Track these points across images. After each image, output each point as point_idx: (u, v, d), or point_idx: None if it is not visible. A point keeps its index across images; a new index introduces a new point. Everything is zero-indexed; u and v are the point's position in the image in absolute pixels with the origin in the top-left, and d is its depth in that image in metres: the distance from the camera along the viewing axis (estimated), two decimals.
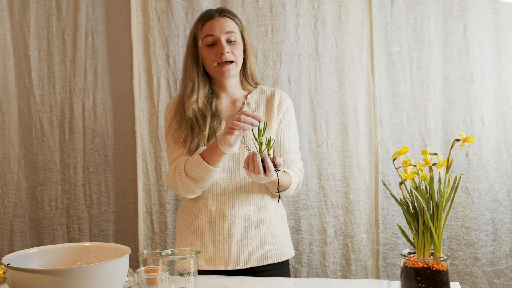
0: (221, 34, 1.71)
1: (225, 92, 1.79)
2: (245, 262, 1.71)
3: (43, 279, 1.22)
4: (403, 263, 1.30)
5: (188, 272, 1.43)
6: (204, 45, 1.72)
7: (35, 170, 2.43)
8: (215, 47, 1.71)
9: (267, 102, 1.79)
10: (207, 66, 1.74)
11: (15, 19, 2.42)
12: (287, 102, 1.81)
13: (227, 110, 1.78)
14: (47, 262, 1.45)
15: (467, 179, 2.12)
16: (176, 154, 1.74)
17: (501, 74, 2.10)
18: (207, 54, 1.72)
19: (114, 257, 1.38)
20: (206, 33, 1.72)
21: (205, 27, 1.73)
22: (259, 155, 1.51)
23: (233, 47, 1.72)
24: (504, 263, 2.12)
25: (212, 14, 1.74)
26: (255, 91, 1.82)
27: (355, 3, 2.16)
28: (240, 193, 1.73)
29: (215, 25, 1.71)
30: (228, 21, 1.73)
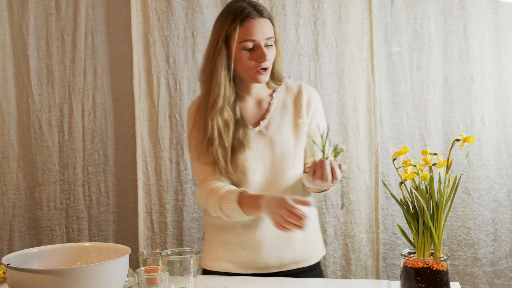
0: (262, 40, 1.56)
1: (249, 94, 1.68)
2: (276, 267, 1.66)
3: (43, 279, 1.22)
4: (403, 263, 1.30)
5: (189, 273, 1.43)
6: (241, 48, 1.57)
7: (34, 170, 2.43)
8: (253, 51, 1.57)
9: (295, 101, 1.69)
10: (240, 69, 1.61)
11: (14, 19, 2.42)
12: (315, 98, 1.71)
13: (251, 112, 1.68)
14: (47, 262, 1.45)
15: (467, 179, 2.12)
16: (205, 174, 1.64)
17: (501, 74, 2.10)
18: (245, 59, 1.58)
19: (114, 257, 1.38)
20: (245, 37, 1.56)
21: (244, 29, 1.56)
22: (328, 162, 1.45)
23: (269, 51, 1.59)
24: (504, 263, 2.12)
25: (252, 13, 1.56)
26: (280, 88, 1.70)
27: (355, 3, 2.16)
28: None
29: (256, 28, 1.56)
30: (268, 24, 1.58)
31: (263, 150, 1.64)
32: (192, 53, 2.27)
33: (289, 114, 1.67)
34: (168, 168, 2.30)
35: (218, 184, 1.61)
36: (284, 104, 1.68)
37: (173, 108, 2.29)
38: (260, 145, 1.64)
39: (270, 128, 1.65)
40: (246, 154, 1.62)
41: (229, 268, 1.68)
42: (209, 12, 2.25)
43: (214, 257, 1.70)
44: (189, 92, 2.28)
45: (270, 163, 1.64)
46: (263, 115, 1.68)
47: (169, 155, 2.30)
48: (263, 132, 1.65)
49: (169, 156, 2.30)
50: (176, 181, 2.30)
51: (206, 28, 2.25)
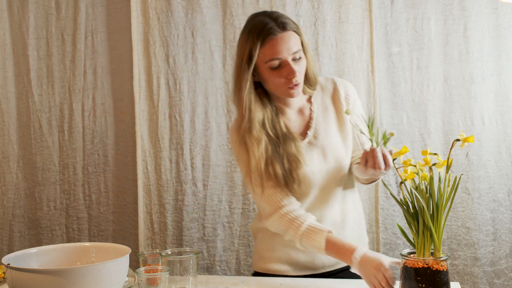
0: (289, 56, 1.49)
1: (288, 106, 1.63)
2: (331, 265, 1.66)
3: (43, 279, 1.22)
4: (403, 263, 1.30)
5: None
6: (268, 68, 1.51)
7: (34, 170, 2.43)
8: (281, 69, 1.50)
9: (333, 100, 1.65)
10: (270, 87, 1.56)
11: (14, 19, 2.41)
12: (351, 91, 1.66)
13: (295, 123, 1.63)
14: (47, 262, 1.45)
15: (467, 179, 2.12)
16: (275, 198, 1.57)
17: (501, 74, 2.10)
18: (273, 78, 1.52)
19: (114, 257, 1.38)
20: (270, 56, 1.49)
21: (267, 48, 1.49)
22: (379, 150, 1.41)
23: (298, 64, 1.52)
24: (504, 263, 2.12)
25: (274, 30, 1.49)
26: (316, 91, 1.66)
27: (355, 3, 2.16)
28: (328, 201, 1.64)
29: (280, 46, 1.48)
30: (293, 37, 1.51)
31: (317, 160, 1.60)
32: (192, 53, 2.27)
33: (331, 115, 1.64)
34: (168, 168, 2.30)
35: (297, 213, 1.56)
36: (325, 106, 1.64)
37: (173, 108, 2.29)
38: (314, 156, 1.60)
39: (319, 137, 1.62)
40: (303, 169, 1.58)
41: (285, 271, 1.66)
42: (209, 12, 2.25)
43: (270, 259, 1.68)
44: (189, 92, 2.28)
45: (325, 171, 1.61)
46: (307, 124, 1.64)
47: (169, 155, 2.30)
48: (313, 142, 1.61)
49: (169, 156, 2.30)
50: (176, 181, 2.30)
51: (206, 28, 2.25)
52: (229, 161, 2.26)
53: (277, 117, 1.59)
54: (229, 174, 2.26)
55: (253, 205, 2.25)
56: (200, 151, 2.28)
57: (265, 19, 1.51)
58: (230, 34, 2.23)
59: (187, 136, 2.28)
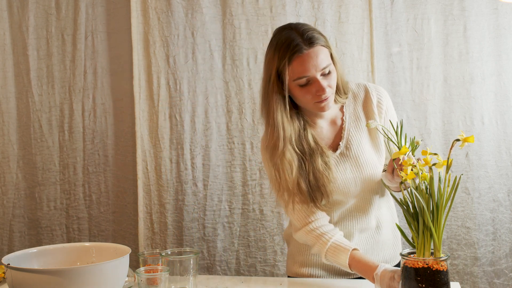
0: (317, 72, 1.46)
1: (320, 117, 1.60)
2: None
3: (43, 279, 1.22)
4: (403, 263, 1.30)
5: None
6: (297, 85, 1.48)
7: (34, 170, 2.43)
8: (310, 85, 1.47)
9: (364, 108, 1.61)
10: (300, 103, 1.53)
11: (14, 19, 2.42)
12: (384, 97, 1.62)
13: (327, 134, 1.61)
14: (47, 262, 1.45)
15: (467, 179, 2.12)
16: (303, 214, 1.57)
17: (501, 74, 2.10)
18: (302, 95, 1.49)
19: (114, 257, 1.38)
20: (298, 75, 1.46)
21: (294, 66, 1.45)
22: (405, 156, 1.36)
23: (329, 79, 1.48)
24: (504, 262, 2.12)
25: (300, 47, 1.44)
26: (348, 100, 1.62)
27: (355, 3, 2.16)
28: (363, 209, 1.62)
29: (308, 63, 1.44)
30: (321, 52, 1.46)
31: (350, 172, 1.58)
32: (192, 53, 2.27)
33: (363, 124, 1.60)
34: (168, 168, 2.30)
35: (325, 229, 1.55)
36: (357, 116, 1.61)
37: (173, 108, 2.29)
38: (347, 168, 1.58)
39: (351, 148, 1.59)
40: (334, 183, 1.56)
41: (320, 274, 1.66)
42: (209, 12, 2.25)
43: (304, 263, 1.68)
44: (189, 92, 2.28)
45: (360, 181, 1.59)
46: (339, 135, 1.61)
47: (169, 155, 2.30)
48: (345, 154, 1.59)
49: (169, 156, 2.30)
50: (176, 181, 2.30)
51: (206, 28, 2.25)
52: (229, 161, 2.26)
53: (305, 132, 1.56)
54: (229, 174, 2.26)
55: (252, 206, 2.25)
56: (200, 151, 2.28)
57: (292, 34, 1.47)
58: (230, 34, 2.24)
59: (187, 136, 2.28)
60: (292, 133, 1.53)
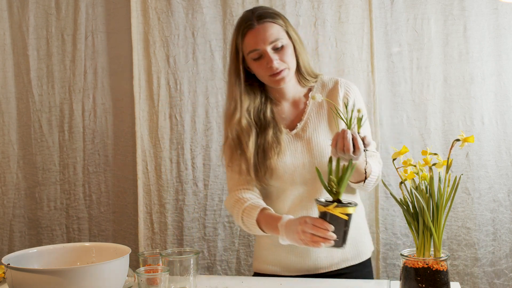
0: (266, 46, 1.56)
1: (283, 97, 1.68)
2: (325, 267, 1.65)
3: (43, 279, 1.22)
4: (403, 263, 1.30)
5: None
6: (251, 59, 1.59)
7: (34, 170, 2.43)
8: (262, 59, 1.58)
9: (330, 97, 1.66)
10: (259, 78, 1.63)
11: (14, 19, 2.42)
12: (353, 92, 1.67)
13: (288, 115, 1.68)
14: (47, 262, 1.45)
15: (467, 179, 2.12)
16: (234, 182, 1.67)
17: (501, 74, 2.10)
18: (256, 68, 1.60)
19: (114, 257, 1.38)
20: (249, 48, 1.58)
21: (246, 40, 1.58)
22: (350, 132, 1.40)
23: (281, 53, 1.57)
24: (504, 263, 2.12)
25: (251, 23, 1.58)
26: (316, 87, 1.69)
27: (355, 3, 2.16)
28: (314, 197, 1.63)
29: (256, 37, 1.56)
30: (270, 28, 1.57)
31: (301, 153, 1.62)
32: (193, 53, 2.27)
33: (325, 113, 1.66)
34: (168, 168, 2.30)
35: (246, 195, 1.62)
36: (320, 103, 1.67)
37: (173, 108, 2.29)
38: (298, 148, 1.63)
39: (307, 130, 1.64)
40: (281, 158, 1.61)
41: (278, 271, 1.67)
42: (209, 12, 2.25)
43: (264, 260, 1.70)
44: (189, 92, 2.28)
45: (309, 165, 1.62)
46: (299, 117, 1.67)
47: (169, 155, 2.30)
48: (300, 135, 1.64)
49: (169, 156, 2.30)
50: (176, 181, 2.30)
51: (206, 28, 2.25)
52: None
53: (264, 106, 1.64)
54: None
55: None
56: (200, 151, 2.28)
57: (247, 15, 1.61)
58: (230, 34, 2.23)
59: (188, 136, 2.28)
60: (251, 106, 1.63)
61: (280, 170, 1.61)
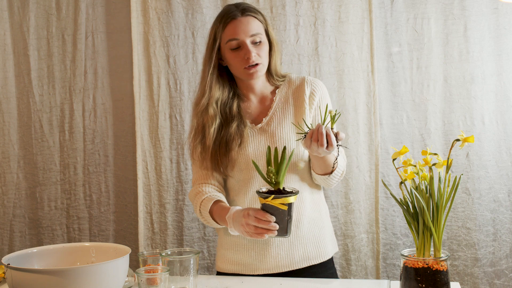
0: (246, 37, 1.60)
1: (252, 92, 1.70)
2: (286, 265, 1.65)
3: (43, 279, 1.22)
4: (403, 263, 1.30)
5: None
6: (228, 49, 1.62)
7: (35, 170, 2.43)
8: (240, 50, 1.61)
9: (296, 94, 1.69)
10: (232, 69, 1.65)
11: (15, 19, 2.42)
12: (320, 90, 1.69)
13: (255, 110, 1.70)
14: (47, 262, 1.45)
15: (467, 179, 2.12)
16: (196, 176, 1.70)
17: (501, 74, 2.10)
18: (232, 58, 1.62)
19: (114, 257, 1.38)
20: (229, 36, 1.61)
21: (227, 29, 1.61)
22: (324, 128, 1.43)
23: (258, 48, 1.61)
24: (505, 263, 2.12)
25: (234, 14, 1.61)
26: (284, 84, 1.72)
27: (355, 3, 2.16)
28: None
29: (239, 27, 1.60)
30: (252, 21, 1.62)
31: (264, 145, 1.65)
32: (192, 53, 2.27)
33: (290, 109, 1.68)
34: (168, 168, 2.30)
35: (205, 189, 1.66)
36: (286, 99, 1.69)
37: (173, 108, 2.29)
38: (262, 141, 1.65)
39: (272, 124, 1.67)
40: (243, 150, 1.64)
41: (240, 270, 1.67)
42: (209, 12, 2.25)
43: (225, 259, 1.70)
44: (189, 92, 2.28)
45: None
46: (265, 112, 1.70)
47: (169, 155, 2.30)
48: (265, 129, 1.67)
49: (169, 156, 2.30)
50: (176, 181, 2.30)
51: (206, 28, 2.25)
52: None
53: (231, 100, 1.68)
54: None
55: None
56: None
57: (231, 7, 1.64)
58: None
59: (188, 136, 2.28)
60: (220, 97, 1.66)
61: (242, 161, 1.64)
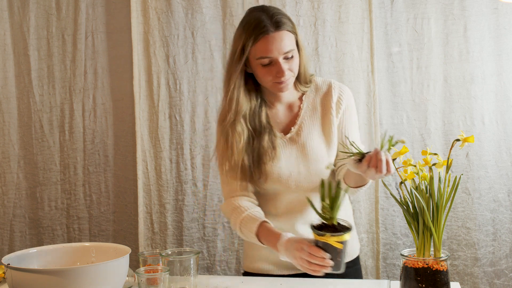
0: (280, 56, 1.51)
1: (279, 101, 1.65)
2: None
3: (43, 279, 1.22)
4: (403, 263, 1.30)
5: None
6: (259, 64, 1.54)
7: (35, 170, 2.43)
8: (271, 66, 1.53)
9: (323, 101, 1.65)
10: (260, 81, 1.58)
11: (15, 19, 2.42)
12: (346, 97, 1.65)
13: (282, 118, 1.66)
14: (47, 262, 1.45)
15: (467, 179, 2.12)
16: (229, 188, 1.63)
17: (501, 74, 2.10)
18: (263, 73, 1.55)
19: (114, 257, 1.38)
20: (261, 54, 1.51)
21: (259, 45, 1.51)
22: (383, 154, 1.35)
23: (290, 63, 1.54)
24: (504, 263, 2.12)
25: (267, 29, 1.50)
26: (310, 90, 1.67)
27: (355, 3, 2.16)
28: (307, 204, 1.62)
29: (272, 44, 1.50)
30: (286, 37, 1.51)
31: (295, 157, 1.61)
32: (192, 53, 2.27)
33: (318, 116, 1.65)
34: (168, 168, 2.30)
35: (243, 203, 1.60)
36: (314, 106, 1.65)
37: (173, 108, 2.29)
38: (293, 152, 1.62)
39: (301, 134, 1.63)
40: (275, 163, 1.60)
41: (270, 270, 1.66)
42: (209, 12, 2.25)
43: (255, 259, 1.68)
44: (189, 92, 2.28)
45: (304, 170, 1.62)
46: (293, 121, 1.65)
47: (169, 155, 2.30)
48: (294, 139, 1.63)
49: (169, 156, 2.30)
50: (176, 181, 2.30)
51: (206, 28, 2.25)
52: None
53: (260, 110, 1.62)
54: None
55: None
56: (200, 151, 2.28)
57: (262, 16, 1.53)
58: (230, 34, 2.23)
59: (187, 136, 2.28)
60: (247, 109, 1.60)
61: (275, 175, 1.61)
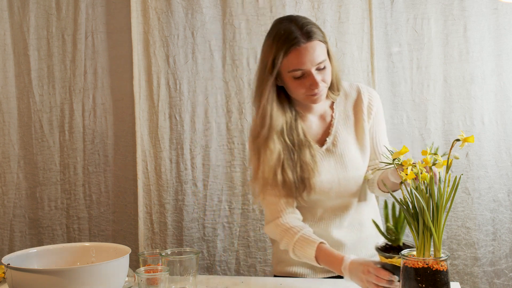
0: (312, 67, 1.47)
1: (310, 112, 1.62)
2: None
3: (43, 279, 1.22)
4: (403, 263, 1.30)
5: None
6: (291, 77, 1.50)
7: (35, 170, 2.43)
8: (304, 78, 1.49)
9: (355, 108, 1.63)
10: (292, 94, 1.55)
11: (15, 19, 2.42)
12: (376, 100, 1.64)
13: (316, 129, 1.63)
14: (47, 262, 1.45)
15: (467, 179, 2.12)
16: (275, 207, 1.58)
17: (501, 74, 2.10)
18: (295, 86, 1.51)
19: (114, 257, 1.38)
20: (294, 67, 1.47)
21: (290, 57, 1.47)
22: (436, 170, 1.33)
23: (323, 73, 1.50)
24: (504, 263, 2.12)
25: (298, 41, 1.46)
26: (340, 97, 1.64)
27: (355, 3, 2.16)
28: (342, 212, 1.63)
29: (304, 57, 1.46)
30: (317, 47, 1.47)
31: (335, 169, 1.60)
32: (192, 53, 2.27)
33: (351, 124, 1.63)
34: (168, 168, 2.30)
35: (293, 223, 1.56)
36: (346, 114, 1.63)
37: (173, 108, 2.29)
38: (331, 163, 1.60)
39: (337, 145, 1.61)
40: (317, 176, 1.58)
41: (305, 273, 1.65)
42: (209, 12, 2.25)
43: (289, 262, 1.66)
44: (189, 92, 2.28)
45: (344, 180, 1.60)
46: (327, 131, 1.63)
47: (169, 155, 2.30)
48: (331, 150, 1.61)
49: (169, 156, 2.30)
50: (176, 181, 2.30)
51: (206, 28, 2.25)
52: (229, 161, 2.26)
53: (296, 123, 1.57)
54: (229, 174, 2.26)
55: (252, 206, 2.25)
56: (200, 151, 2.28)
57: (291, 27, 1.48)
58: (230, 34, 2.24)
59: (187, 136, 2.28)
60: (283, 124, 1.55)
61: (318, 187, 1.58)
